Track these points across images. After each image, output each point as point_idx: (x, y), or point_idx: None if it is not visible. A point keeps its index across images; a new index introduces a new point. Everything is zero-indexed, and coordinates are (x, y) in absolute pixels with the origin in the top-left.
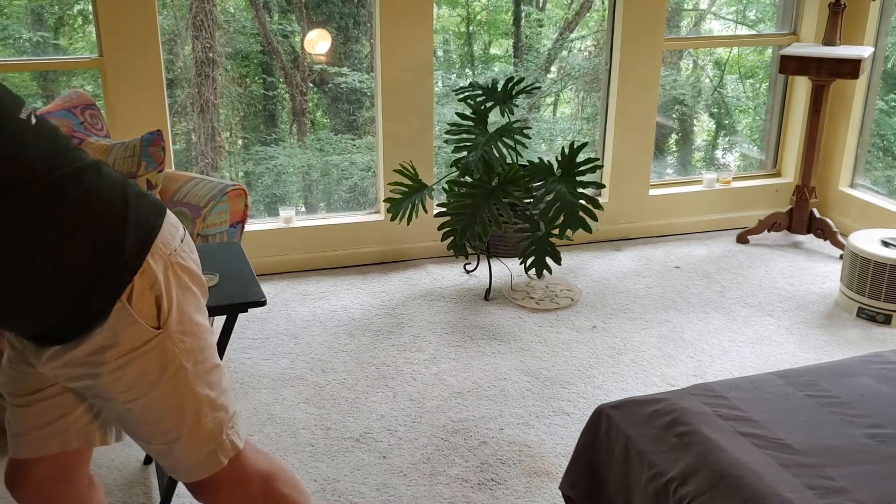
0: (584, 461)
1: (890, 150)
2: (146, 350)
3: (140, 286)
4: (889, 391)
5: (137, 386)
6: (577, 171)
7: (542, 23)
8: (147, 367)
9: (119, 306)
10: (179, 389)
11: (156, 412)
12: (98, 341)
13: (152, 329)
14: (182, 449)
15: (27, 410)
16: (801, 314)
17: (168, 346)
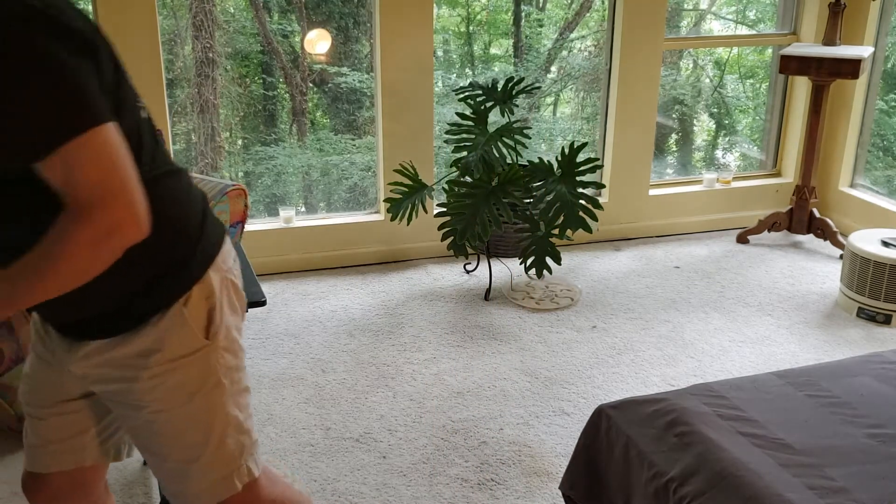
0: (584, 461)
1: (890, 150)
2: (191, 360)
3: (197, 295)
4: (889, 391)
5: (172, 396)
6: (577, 171)
7: (542, 23)
8: (187, 379)
9: (176, 309)
10: (213, 406)
11: (183, 426)
12: (145, 343)
13: (202, 339)
14: (199, 469)
15: (45, 424)
16: (801, 314)
17: (212, 359)
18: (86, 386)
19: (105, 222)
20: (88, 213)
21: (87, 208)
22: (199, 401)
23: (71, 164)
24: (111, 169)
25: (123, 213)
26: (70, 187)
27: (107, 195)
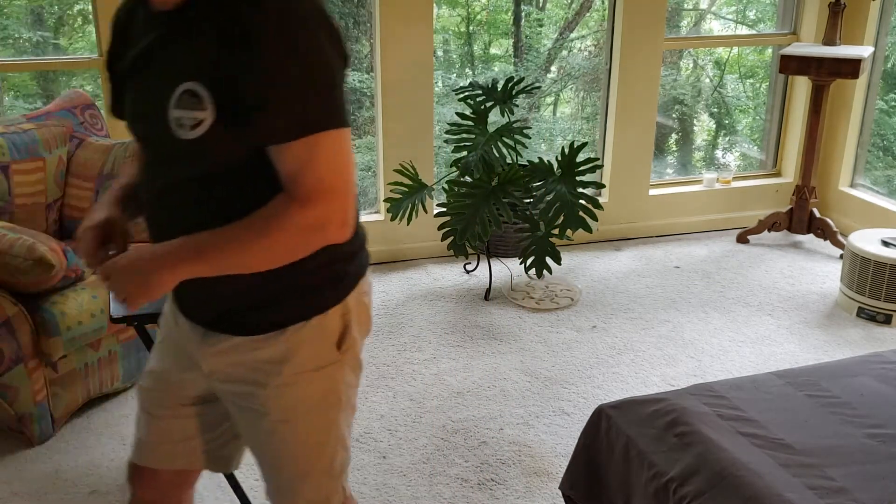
0: (584, 461)
1: (890, 150)
2: (320, 374)
3: (335, 312)
4: (889, 391)
5: (297, 408)
6: (577, 171)
7: (542, 22)
8: (313, 392)
9: (316, 322)
10: (330, 423)
11: (302, 440)
12: (280, 350)
13: (334, 354)
14: (309, 486)
15: (160, 424)
16: (801, 314)
17: (337, 375)
18: (209, 385)
19: (321, 214)
20: (311, 201)
21: (310, 197)
22: (319, 416)
23: (312, 154)
24: (342, 170)
25: (338, 212)
26: (301, 175)
27: (330, 191)
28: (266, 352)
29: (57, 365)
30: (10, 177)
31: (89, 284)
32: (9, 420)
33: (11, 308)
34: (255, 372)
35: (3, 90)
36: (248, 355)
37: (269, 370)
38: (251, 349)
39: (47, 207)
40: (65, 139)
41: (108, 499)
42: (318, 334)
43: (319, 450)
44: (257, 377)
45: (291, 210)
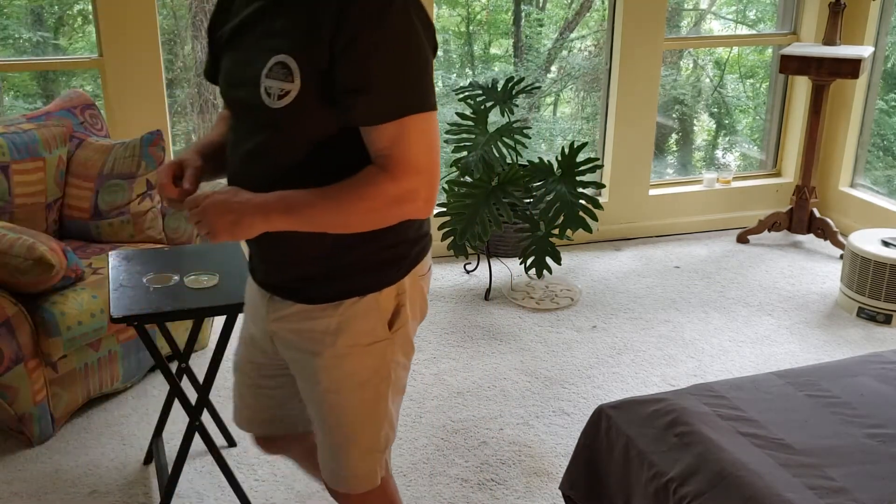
0: (584, 461)
1: (890, 150)
2: (370, 350)
3: (390, 291)
4: (889, 391)
5: (346, 380)
6: (577, 171)
7: (542, 22)
8: (363, 366)
9: (371, 298)
10: (378, 397)
11: (349, 411)
12: (333, 322)
13: (385, 331)
14: (354, 454)
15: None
16: (801, 314)
17: (388, 353)
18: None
19: (410, 188)
20: (401, 175)
21: (401, 171)
22: (368, 390)
23: (404, 133)
24: (429, 149)
25: (424, 188)
26: (393, 151)
27: (418, 168)
28: (322, 322)
29: (57, 365)
30: (10, 177)
31: (89, 284)
32: (9, 420)
33: (11, 308)
34: (311, 342)
35: (3, 90)
36: (305, 324)
37: (324, 340)
38: (308, 318)
39: (47, 207)
40: (65, 139)
41: (108, 499)
42: (372, 311)
43: (366, 423)
44: (313, 347)
45: (386, 181)
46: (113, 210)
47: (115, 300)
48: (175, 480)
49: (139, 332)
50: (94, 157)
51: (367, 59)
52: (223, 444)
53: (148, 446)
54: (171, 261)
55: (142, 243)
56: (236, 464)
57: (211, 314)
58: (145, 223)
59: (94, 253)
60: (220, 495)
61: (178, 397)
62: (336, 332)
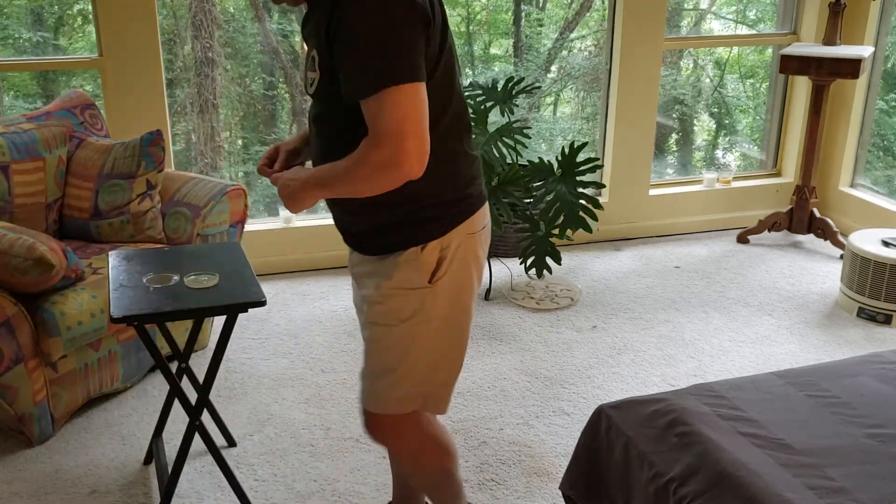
0: (584, 461)
1: (890, 150)
2: (410, 294)
3: (433, 246)
4: (889, 391)
5: (387, 316)
6: (577, 171)
7: (543, 22)
8: (402, 307)
9: (413, 251)
10: (414, 337)
11: (387, 343)
12: (383, 268)
13: (424, 281)
14: (389, 380)
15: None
16: (801, 314)
17: (427, 300)
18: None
19: (392, 153)
20: (380, 143)
21: (380, 139)
22: (405, 328)
23: (381, 105)
24: (408, 117)
25: (409, 151)
26: (374, 121)
27: (396, 135)
28: (375, 268)
29: (57, 365)
30: (10, 177)
31: (89, 284)
32: (9, 420)
33: (11, 308)
34: (369, 282)
35: (3, 90)
36: (367, 268)
37: (375, 283)
38: (367, 263)
39: (47, 207)
40: (64, 139)
41: (108, 499)
42: (412, 262)
43: (401, 357)
44: (369, 285)
45: (368, 151)
46: (113, 210)
47: (115, 300)
48: (175, 480)
49: (139, 332)
50: (94, 156)
51: (347, 42)
52: (223, 444)
53: (148, 446)
54: (171, 261)
55: (142, 243)
56: (236, 464)
57: (211, 314)
58: (145, 223)
59: (94, 253)
60: (220, 495)
61: (178, 397)
62: (384, 276)
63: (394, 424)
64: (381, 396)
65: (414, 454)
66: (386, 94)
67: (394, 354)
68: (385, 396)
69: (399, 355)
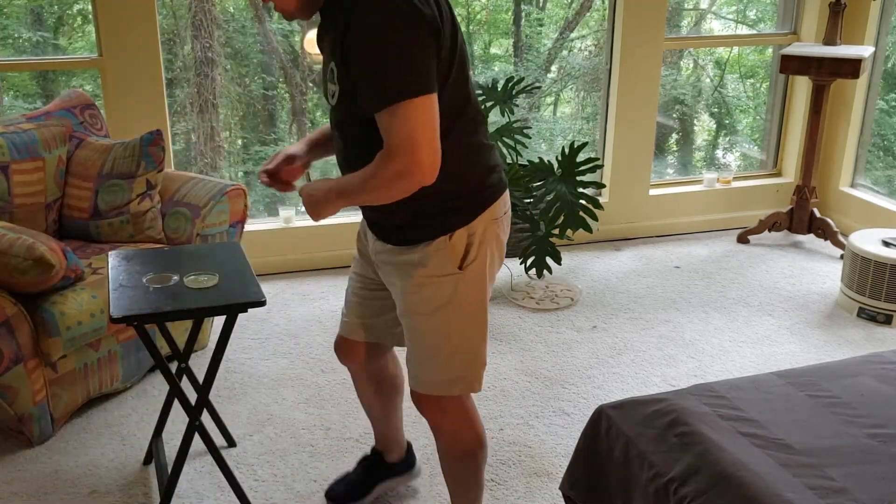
0: (584, 461)
1: (890, 150)
2: (442, 281)
3: (461, 233)
4: (889, 391)
5: (422, 304)
6: (578, 171)
7: (543, 22)
8: (436, 294)
9: (441, 240)
10: (451, 323)
11: (425, 331)
12: (415, 258)
13: (455, 267)
14: (432, 366)
15: (359, 305)
16: (801, 314)
17: (459, 286)
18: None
19: (401, 165)
20: (394, 155)
21: (393, 152)
22: (440, 315)
23: (392, 119)
24: (419, 129)
25: (415, 163)
26: (387, 135)
27: (409, 147)
28: (406, 257)
29: (56, 365)
30: (10, 177)
31: (89, 284)
32: (9, 420)
33: (11, 308)
34: (399, 271)
35: (3, 90)
36: (395, 258)
37: (407, 272)
38: (397, 254)
39: (47, 207)
40: (64, 139)
41: (108, 499)
42: (441, 250)
43: (440, 343)
44: (401, 275)
45: (383, 163)
46: (112, 210)
47: (114, 300)
48: (175, 480)
49: (139, 332)
50: (94, 156)
51: (360, 60)
52: (223, 444)
53: (148, 446)
54: (171, 261)
55: (142, 243)
56: (236, 464)
57: (211, 314)
58: (145, 223)
59: (93, 253)
60: (220, 495)
61: (177, 397)
62: (416, 265)
63: (439, 402)
64: (426, 380)
65: (454, 434)
66: (397, 108)
67: (433, 341)
68: (430, 380)
69: (438, 342)
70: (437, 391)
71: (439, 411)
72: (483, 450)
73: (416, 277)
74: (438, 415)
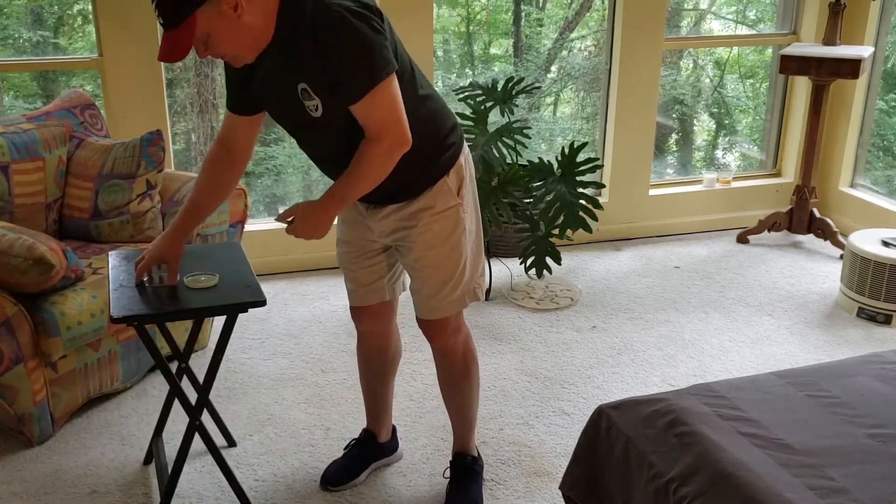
0: (584, 461)
1: (890, 150)
2: (448, 213)
3: (453, 171)
4: (889, 391)
5: (435, 238)
6: (577, 171)
7: (542, 22)
8: (445, 226)
9: (443, 180)
10: (459, 245)
11: (442, 258)
12: (423, 203)
13: (455, 199)
14: (449, 288)
15: (357, 274)
16: (801, 314)
17: (459, 214)
18: (381, 238)
19: (388, 142)
20: (383, 134)
21: (382, 132)
22: (451, 241)
23: (371, 105)
24: (393, 107)
25: (398, 136)
26: (368, 122)
27: (389, 125)
28: (414, 206)
29: (57, 365)
30: (10, 177)
31: (89, 284)
32: (9, 420)
33: (11, 308)
34: (408, 219)
35: (3, 90)
36: (402, 212)
37: (417, 217)
38: (405, 207)
39: (47, 207)
40: (64, 139)
41: (108, 499)
42: (445, 188)
43: (454, 265)
44: (409, 223)
45: (372, 148)
46: (113, 210)
47: (114, 300)
48: (175, 480)
49: (139, 332)
50: (94, 157)
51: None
52: (223, 444)
53: (148, 446)
54: None
55: (142, 243)
56: (236, 464)
57: (211, 314)
58: (145, 223)
59: (94, 253)
60: (220, 495)
61: (178, 397)
62: (425, 209)
63: (450, 323)
64: (442, 305)
65: (464, 351)
66: (372, 94)
67: (448, 267)
68: (446, 303)
69: (452, 266)
70: (454, 310)
71: (454, 331)
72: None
73: (425, 218)
74: (452, 336)
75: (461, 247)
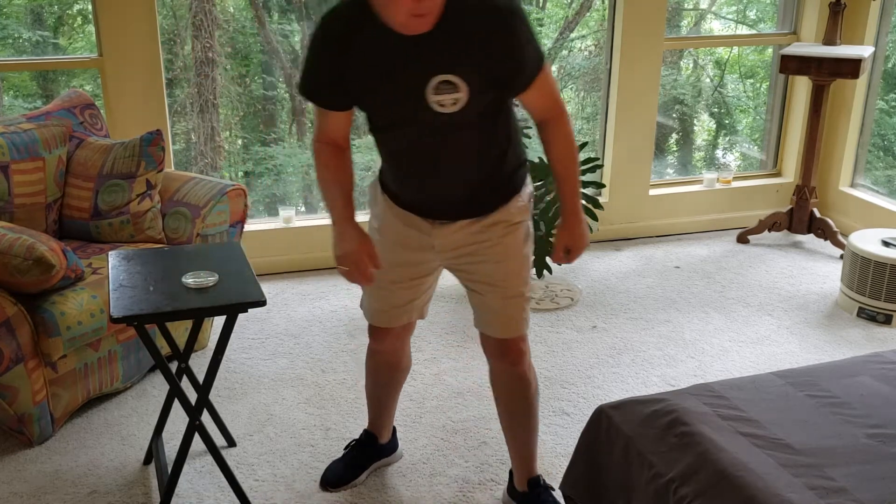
0: (584, 461)
1: (890, 150)
2: (520, 226)
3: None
4: (889, 391)
5: (509, 249)
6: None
7: (543, 22)
8: (518, 238)
9: (516, 196)
10: (528, 256)
11: (514, 269)
12: (497, 216)
13: (526, 214)
14: (520, 303)
15: (392, 294)
16: (801, 314)
17: (529, 224)
18: (442, 255)
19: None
20: (563, 114)
21: (561, 111)
22: (522, 255)
23: (546, 81)
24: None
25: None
26: (549, 98)
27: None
28: (490, 219)
29: (56, 365)
30: (10, 177)
31: (89, 284)
32: (9, 420)
33: (11, 308)
34: (482, 233)
35: (3, 90)
36: (475, 226)
37: (492, 229)
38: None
39: (47, 207)
40: (64, 139)
41: (108, 499)
42: (516, 203)
43: (524, 277)
44: (483, 237)
45: (562, 128)
46: (113, 210)
47: (114, 300)
48: (175, 480)
49: (139, 332)
50: (94, 156)
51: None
52: (223, 444)
53: (148, 446)
54: (171, 261)
55: (142, 243)
56: (236, 464)
57: (211, 314)
58: (145, 223)
59: (94, 253)
60: (220, 495)
61: (178, 397)
62: (499, 221)
63: (524, 341)
64: (520, 319)
65: (530, 367)
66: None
67: (519, 283)
68: (522, 318)
69: (522, 282)
70: (527, 327)
71: (524, 348)
72: None
73: (499, 230)
74: (524, 353)
75: (529, 260)
